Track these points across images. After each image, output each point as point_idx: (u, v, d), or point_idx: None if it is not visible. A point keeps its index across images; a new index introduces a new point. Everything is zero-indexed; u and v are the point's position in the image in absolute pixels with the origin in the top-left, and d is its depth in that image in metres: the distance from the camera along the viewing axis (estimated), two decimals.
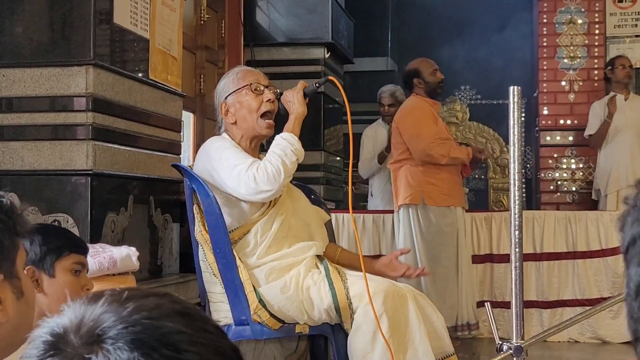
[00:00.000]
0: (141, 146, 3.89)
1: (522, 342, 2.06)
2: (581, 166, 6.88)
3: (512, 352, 2.04)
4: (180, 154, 4.43)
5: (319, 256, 2.78)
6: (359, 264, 2.80)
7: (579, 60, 6.94)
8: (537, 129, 7.17)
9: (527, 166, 8.38)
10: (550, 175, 6.93)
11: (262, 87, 2.80)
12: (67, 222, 3.44)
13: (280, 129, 2.79)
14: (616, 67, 6.22)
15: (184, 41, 4.66)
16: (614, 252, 5.11)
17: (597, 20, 6.94)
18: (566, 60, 6.96)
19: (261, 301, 2.65)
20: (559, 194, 6.90)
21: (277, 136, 2.75)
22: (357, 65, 8.09)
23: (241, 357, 0.76)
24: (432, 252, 4.85)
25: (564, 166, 6.90)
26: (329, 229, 3.03)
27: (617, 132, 6.07)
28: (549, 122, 7.00)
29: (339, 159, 7.20)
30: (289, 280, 2.67)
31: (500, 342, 2.08)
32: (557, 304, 5.18)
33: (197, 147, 5.32)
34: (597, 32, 6.94)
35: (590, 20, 6.95)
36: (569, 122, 6.93)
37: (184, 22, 4.71)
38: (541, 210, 6.10)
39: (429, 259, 4.80)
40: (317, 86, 2.81)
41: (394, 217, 5.11)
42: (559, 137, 6.97)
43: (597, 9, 6.93)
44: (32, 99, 3.52)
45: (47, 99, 3.52)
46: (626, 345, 5.03)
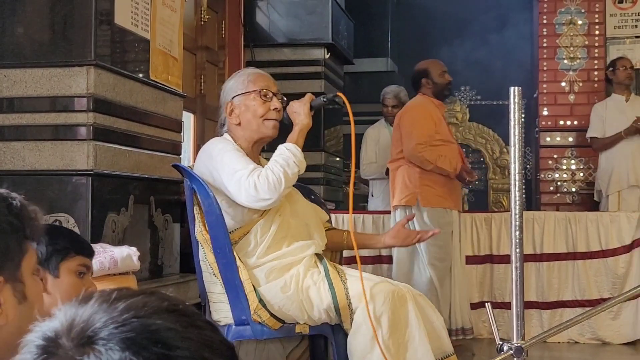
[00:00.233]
0: (142, 146, 3.90)
1: (522, 342, 2.06)
2: (581, 167, 6.88)
3: (512, 352, 2.04)
4: (180, 155, 4.43)
5: (318, 255, 2.79)
6: (368, 242, 3.09)
7: (579, 61, 6.94)
8: (537, 129, 7.16)
9: (527, 167, 8.38)
10: (550, 176, 6.93)
11: (271, 94, 2.80)
12: (68, 222, 3.44)
13: (283, 139, 2.79)
14: (617, 69, 6.22)
15: (185, 42, 4.66)
16: (614, 253, 5.12)
17: (597, 21, 6.94)
18: (566, 61, 6.95)
19: (261, 301, 2.65)
20: (558, 195, 6.90)
21: (280, 146, 2.74)
22: (357, 66, 8.09)
23: (233, 350, 0.76)
24: (426, 254, 4.81)
25: (564, 167, 6.90)
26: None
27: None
28: (549, 123, 6.99)
29: (339, 159, 7.19)
30: (289, 279, 2.68)
31: (500, 343, 2.08)
32: (557, 305, 5.18)
33: (198, 148, 5.33)
34: (597, 33, 6.94)
35: (590, 21, 6.94)
36: (569, 123, 6.93)
37: (185, 22, 4.71)
38: (541, 211, 6.10)
39: (423, 261, 4.78)
40: (324, 100, 2.81)
41: (390, 218, 5.08)
42: (559, 138, 6.97)
43: (597, 9, 6.93)
44: (33, 99, 3.53)
45: (48, 99, 3.52)
46: (626, 346, 5.04)
